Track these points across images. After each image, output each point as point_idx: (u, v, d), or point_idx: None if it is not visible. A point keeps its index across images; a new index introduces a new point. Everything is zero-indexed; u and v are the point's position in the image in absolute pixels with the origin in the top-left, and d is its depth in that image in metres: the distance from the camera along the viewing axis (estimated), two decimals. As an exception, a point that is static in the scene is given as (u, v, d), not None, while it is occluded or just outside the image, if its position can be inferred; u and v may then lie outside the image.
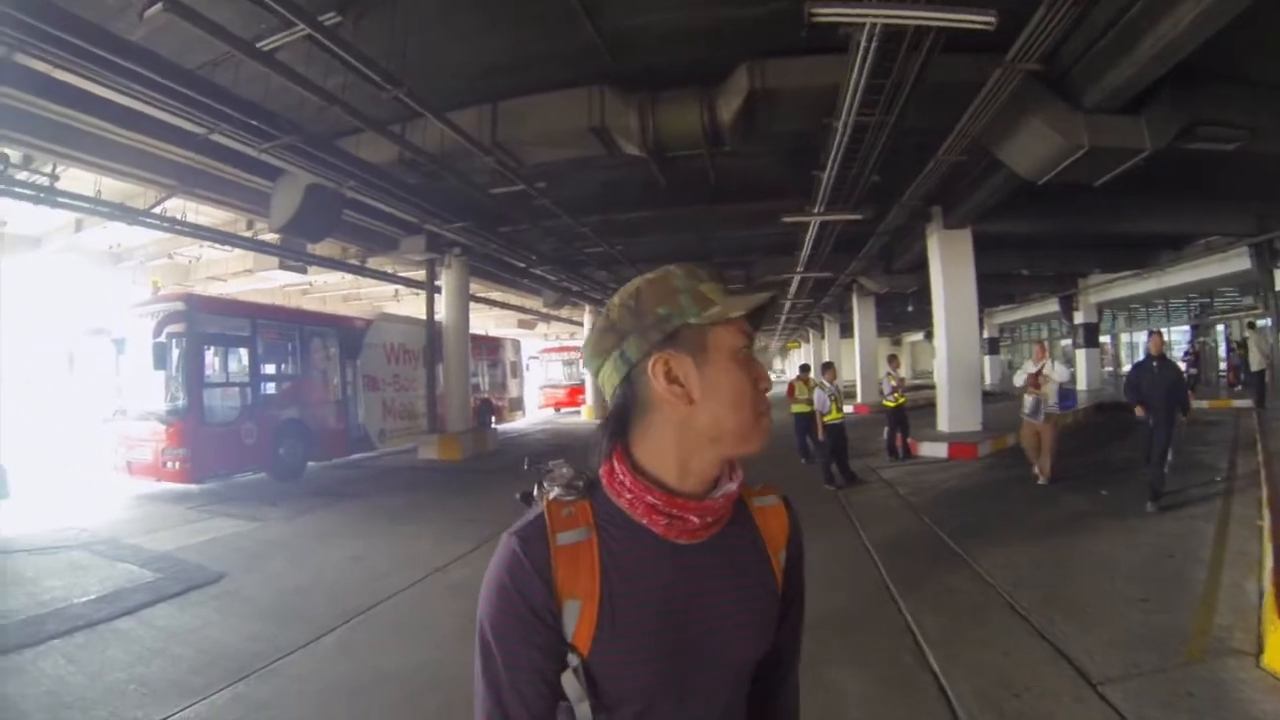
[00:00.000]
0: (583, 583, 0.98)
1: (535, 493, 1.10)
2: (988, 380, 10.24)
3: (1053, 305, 28.76)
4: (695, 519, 1.02)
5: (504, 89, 9.23)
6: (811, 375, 12.81)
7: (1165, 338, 7.75)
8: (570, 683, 0.98)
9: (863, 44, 6.16)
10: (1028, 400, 9.75)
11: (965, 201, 12.53)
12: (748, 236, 16.94)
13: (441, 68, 8.58)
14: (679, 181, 11.98)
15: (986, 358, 35.23)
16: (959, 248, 14.19)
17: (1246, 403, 16.98)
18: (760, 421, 1.04)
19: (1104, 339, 27.25)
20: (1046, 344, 11.16)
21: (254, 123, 8.02)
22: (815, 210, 11.69)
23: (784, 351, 45.84)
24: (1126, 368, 25.45)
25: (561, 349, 32.86)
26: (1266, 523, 6.31)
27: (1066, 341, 30.12)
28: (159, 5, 5.66)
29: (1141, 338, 27.68)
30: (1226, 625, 4.57)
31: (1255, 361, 17.27)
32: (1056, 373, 9.70)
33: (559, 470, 1.08)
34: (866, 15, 5.50)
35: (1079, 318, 27.16)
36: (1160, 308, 27.38)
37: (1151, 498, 7.69)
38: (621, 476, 1.03)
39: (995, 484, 10.20)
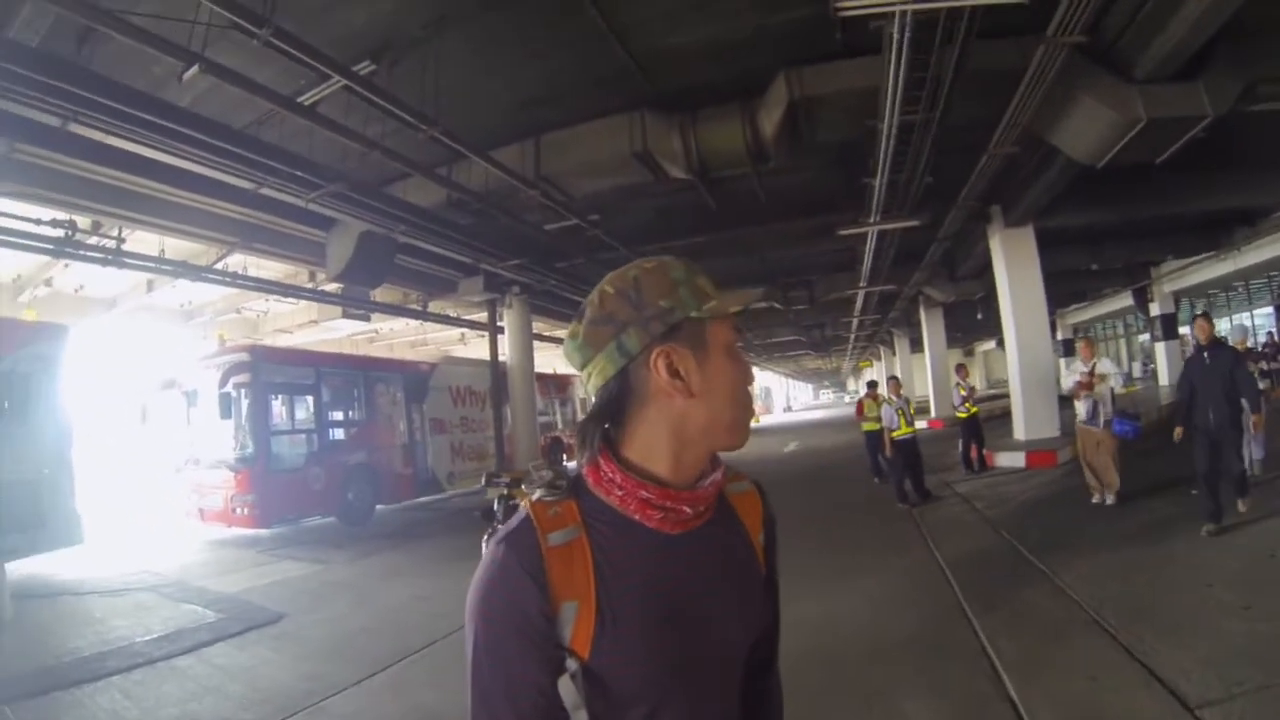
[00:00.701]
0: (577, 583, 0.96)
1: (496, 506, 1.35)
2: (1064, 384, 9.71)
3: (1126, 299, 27.23)
4: (688, 509, 1.02)
5: (544, 122, 9.27)
6: (880, 392, 12.38)
7: (1214, 322, 6.98)
8: (568, 689, 0.98)
9: (895, 37, 5.93)
10: (1081, 406, 8.48)
11: (1024, 197, 11.99)
12: (805, 255, 16.71)
13: (478, 105, 8.67)
14: (729, 203, 11.89)
15: (1061, 360, 34.20)
16: (1022, 247, 13.61)
17: None
18: (749, 416, 1.05)
19: (1183, 330, 25.59)
20: (1094, 340, 9.62)
21: (299, 173, 8.20)
22: (871, 220, 11.41)
23: (856, 371, 45.08)
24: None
25: None
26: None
27: (1144, 336, 28.69)
28: (196, 68, 5.82)
29: (1225, 325, 26.08)
30: None
31: None
32: (1109, 368, 8.48)
33: (537, 472, 1.06)
34: (894, 3, 5.25)
35: (1155, 309, 25.60)
36: (1240, 291, 25.56)
37: (1208, 517, 6.32)
38: (611, 474, 1.01)
39: (1076, 491, 9.27)
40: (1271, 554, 5.62)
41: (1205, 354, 6.54)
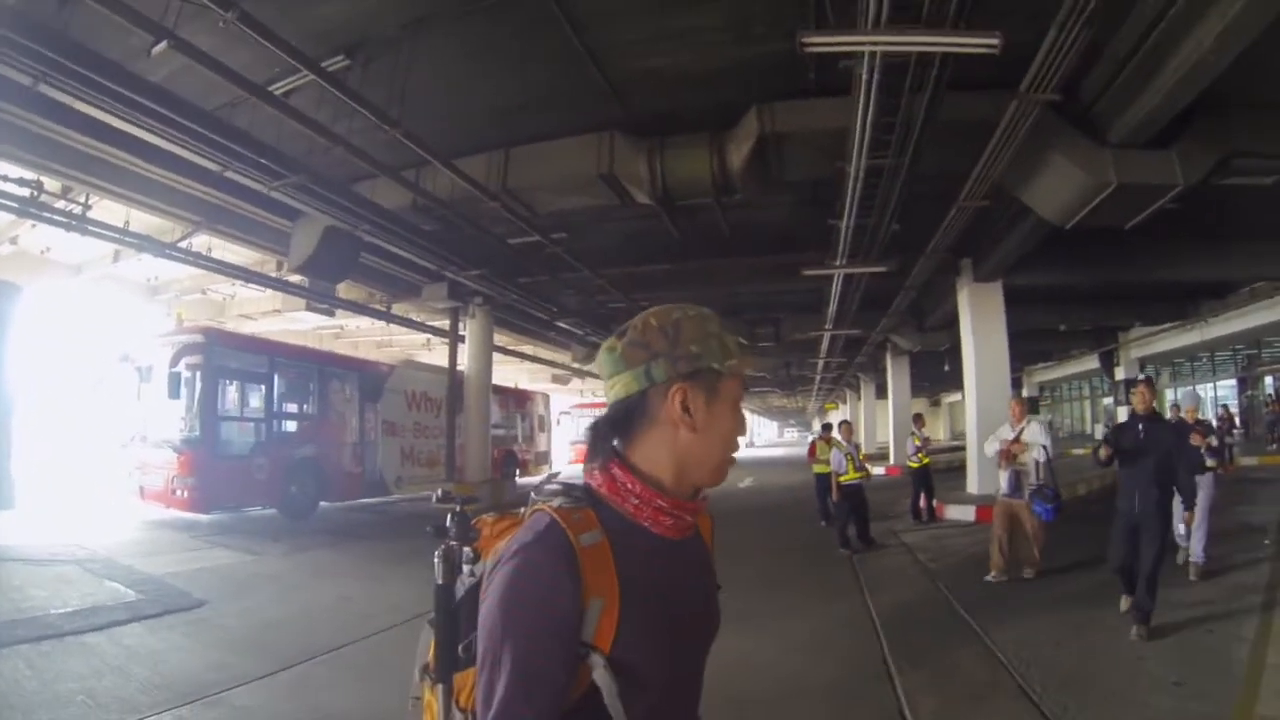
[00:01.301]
0: (605, 582, 1.01)
1: (448, 523, 1.21)
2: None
3: (1093, 362, 27.66)
4: (690, 517, 1.15)
5: (515, 135, 9.32)
6: (834, 435, 12.33)
7: (1155, 389, 6.07)
8: (603, 679, 0.99)
9: (864, 78, 5.98)
10: (1003, 476, 7.76)
11: (994, 252, 12.14)
12: (774, 292, 16.75)
13: (450, 111, 8.73)
14: (694, 234, 11.94)
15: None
16: (990, 302, 13.71)
17: None
18: (730, 461, 1.18)
19: (1191, 388, 25.94)
20: (1024, 400, 8.93)
21: (263, 161, 8.19)
22: (837, 263, 11.45)
23: (823, 411, 45.29)
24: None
25: (595, 405, 32.66)
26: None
27: (1109, 399, 28.90)
28: (164, 44, 5.83)
29: (1174, 394, 26.51)
30: (1273, 715, 4.00)
31: None
32: (1036, 436, 7.55)
33: (550, 484, 1.15)
34: (862, 44, 5.31)
35: (1120, 374, 25.72)
36: (1205, 361, 26.23)
37: (1138, 618, 5.40)
38: (628, 484, 1.11)
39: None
40: (1209, 629, 5.53)
41: (1140, 426, 5.60)
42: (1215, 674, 4.63)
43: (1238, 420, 22.75)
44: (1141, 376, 6.18)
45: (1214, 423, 13.66)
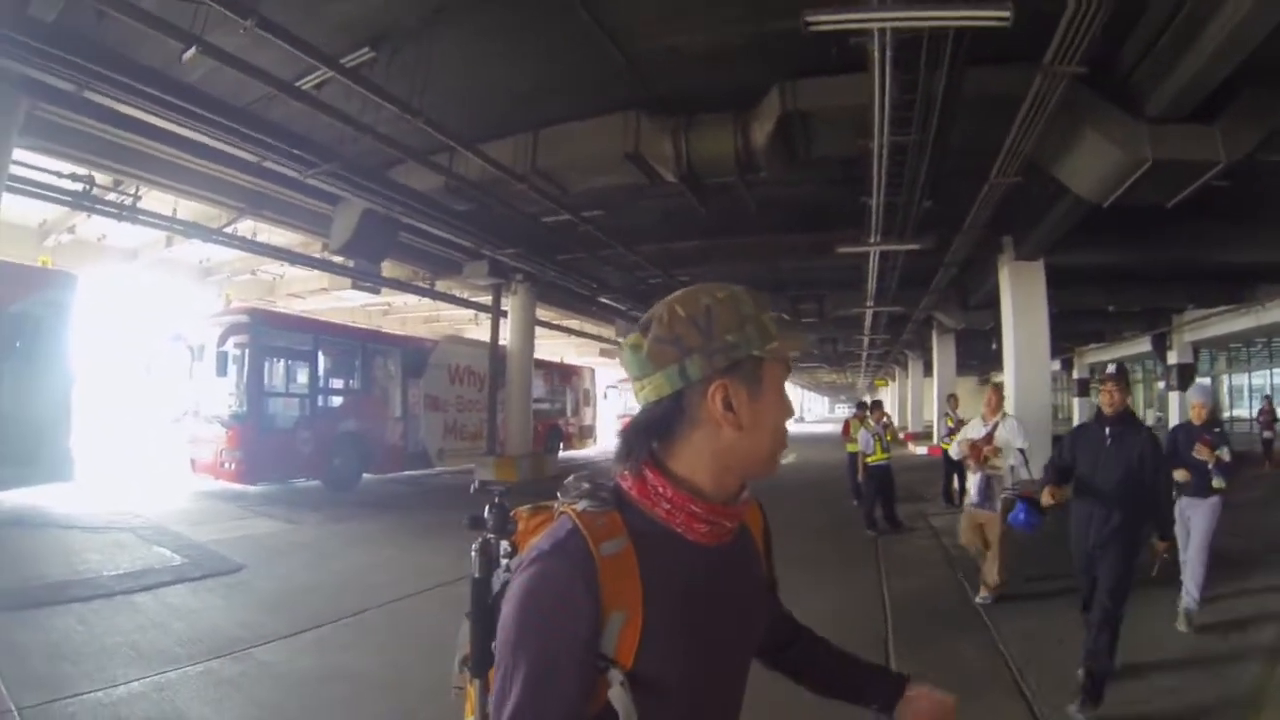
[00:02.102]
0: (627, 594, 0.96)
1: (486, 514, 1.14)
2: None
3: (1145, 344, 26.55)
4: (729, 523, 1.07)
5: (542, 117, 9.47)
6: (866, 413, 12.19)
7: (1129, 379, 5.29)
8: (619, 697, 0.95)
9: (876, 54, 5.90)
10: (973, 481, 6.75)
11: (1035, 230, 11.82)
12: (815, 269, 16.66)
13: (475, 98, 8.97)
14: (721, 210, 11.89)
15: (1075, 400, 33.96)
16: (1031, 281, 13.34)
17: None
18: (782, 449, 1.10)
19: (1204, 380, 24.81)
20: (1000, 389, 7.38)
21: (296, 151, 8.64)
22: (871, 240, 11.35)
23: (873, 388, 44.71)
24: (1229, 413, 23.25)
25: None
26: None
27: (1162, 384, 27.76)
28: (194, 50, 6.23)
29: (1245, 380, 25.39)
30: None
31: None
32: (1011, 436, 6.45)
33: (578, 484, 1.07)
34: (868, 20, 5.25)
35: (1173, 358, 24.80)
36: (1262, 347, 24.69)
37: (1086, 695, 4.07)
38: (660, 488, 1.03)
39: (1054, 538, 8.93)
40: (1225, 637, 5.24)
41: (1108, 430, 4.46)
42: (1211, 683, 4.43)
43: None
44: (1111, 369, 4.53)
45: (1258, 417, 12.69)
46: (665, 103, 8.86)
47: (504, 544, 1.13)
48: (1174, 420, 20.81)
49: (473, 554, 1.16)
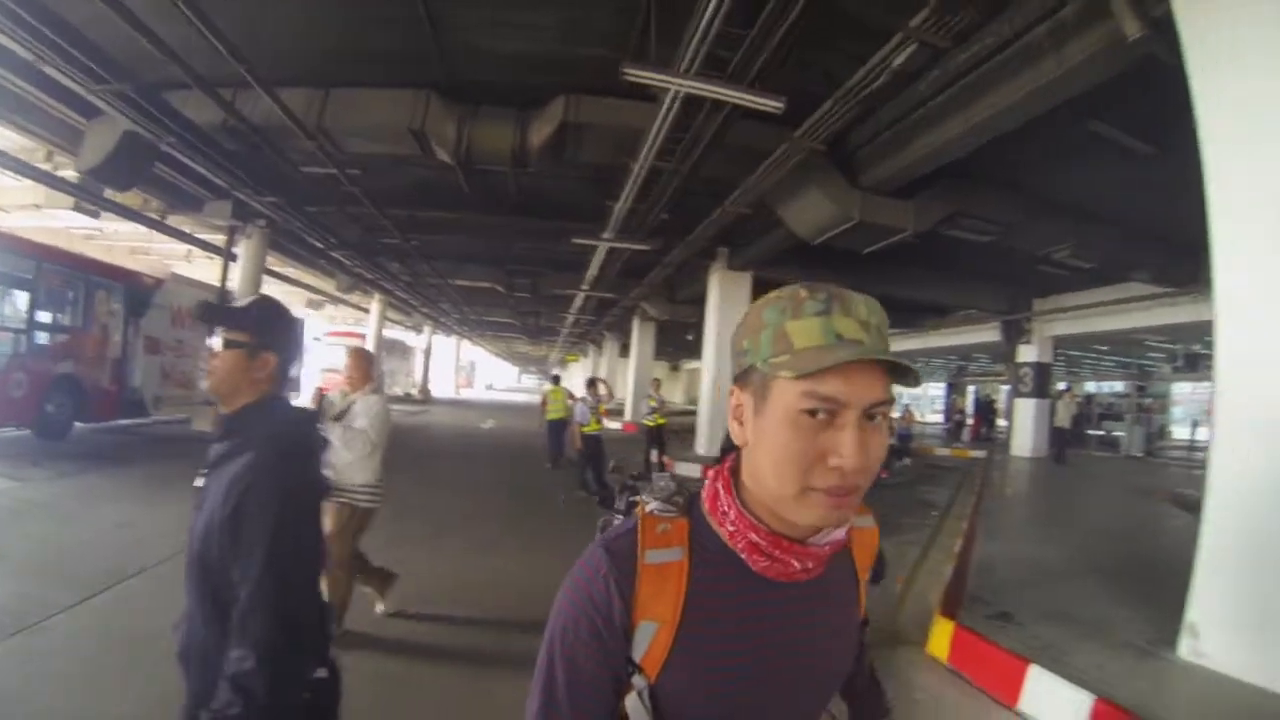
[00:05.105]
0: (664, 605, 0.95)
1: (619, 503, 1.17)
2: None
3: None
4: (796, 564, 0.97)
5: (339, 77, 9.28)
6: (563, 386, 14.28)
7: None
8: (635, 707, 0.96)
9: (667, 103, 6.85)
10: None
11: (749, 248, 14.02)
12: (542, 250, 17.51)
13: (282, 44, 8.54)
14: (484, 190, 12.34)
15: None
16: (738, 289, 15.77)
17: (981, 453, 19.83)
18: (809, 499, 0.89)
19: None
20: (366, 356, 5.19)
21: (77, 54, 7.67)
22: (606, 236, 12.56)
23: (563, 363, 47.28)
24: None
25: (346, 334, 31.74)
26: (957, 548, 7.24)
27: None
28: None
29: (909, 390, 32.40)
30: (907, 623, 5.43)
31: (1061, 420, 19.86)
32: (365, 414, 4.80)
33: (660, 483, 1.07)
34: (672, 83, 6.18)
35: None
36: (923, 364, 31.63)
37: None
38: (726, 506, 0.99)
39: None
40: None
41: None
42: (876, 601, 6.30)
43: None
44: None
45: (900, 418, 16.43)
46: (459, 90, 9.16)
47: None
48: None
49: (598, 530, 1.26)
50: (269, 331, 1.86)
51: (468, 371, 59.56)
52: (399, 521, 7.58)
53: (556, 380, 15.41)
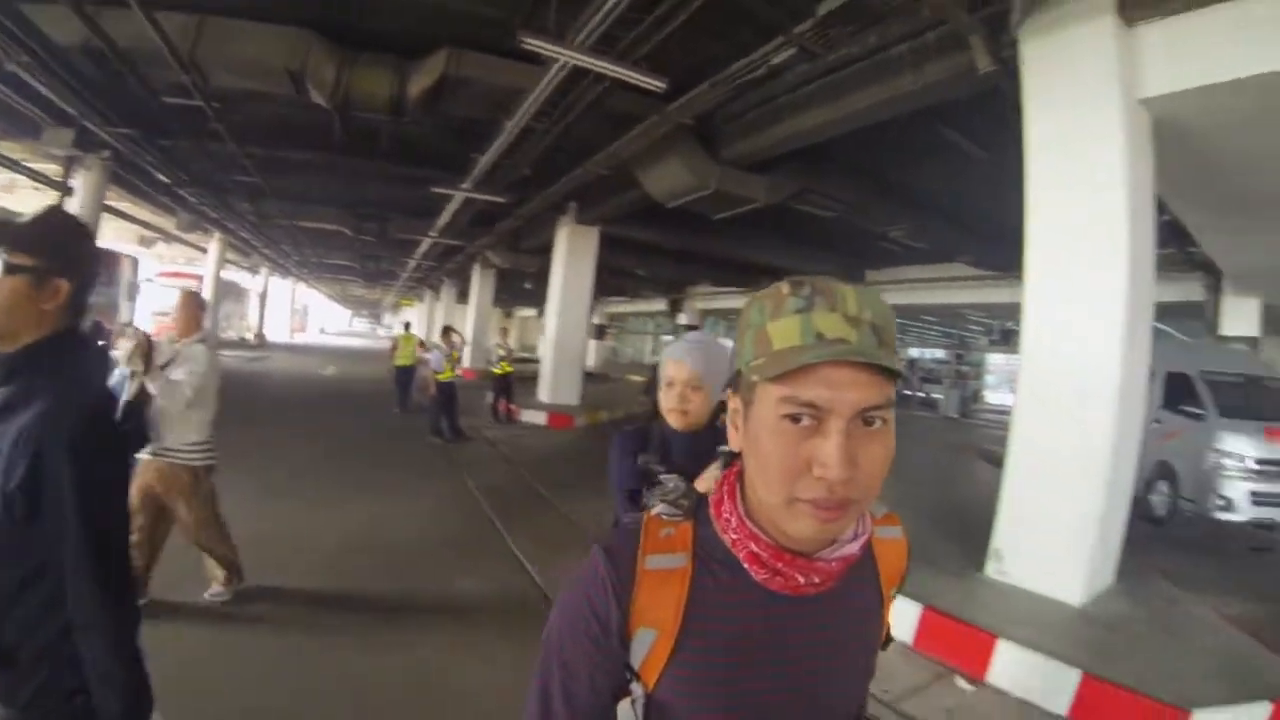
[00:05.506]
0: (663, 612, 0.93)
1: (645, 498, 1.09)
2: (590, 362, 13.25)
3: (661, 305, 33.59)
4: (801, 578, 0.93)
5: (216, 3, 8.80)
6: (413, 333, 15.18)
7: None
8: (626, 713, 0.96)
9: (554, 71, 7.46)
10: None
11: (601, 205, 14.66)
12: (396, 195, 17.38)
13: None
14: (354, 135, 12.22)
15: (592, 342, 39.97)
16: (586, 242, 16.51)
17: None
18: (796, 510, 0.87)
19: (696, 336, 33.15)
20: (197, 300, 4.75)
21: None
22: (464, 187, 12.89)
23: (396, 307, 46.52)
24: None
25: (182, 274, 29.18)
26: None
27: (669, 337, 35.11)
28: None
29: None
30: None
31: None
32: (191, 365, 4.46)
33: (669, 484, 1.06)
34: (565, 55, 6.81)
35: (683, 319, 31.95)
36: None
37: None
38: (729, 513, 0.97)
39: (587, 450, 12.33)
40: None
41: None
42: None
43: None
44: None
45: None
46: (342, 33, 9.01)
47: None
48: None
49: (611, 524, 1.26)
50: (61, 253, 1.60)
51: (301, 315, 56.93)
52: (239, 480, 7.48)
53: (408, 327, 15.91)
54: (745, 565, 0.94)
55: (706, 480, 1.79)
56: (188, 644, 4.13)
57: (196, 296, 4.77)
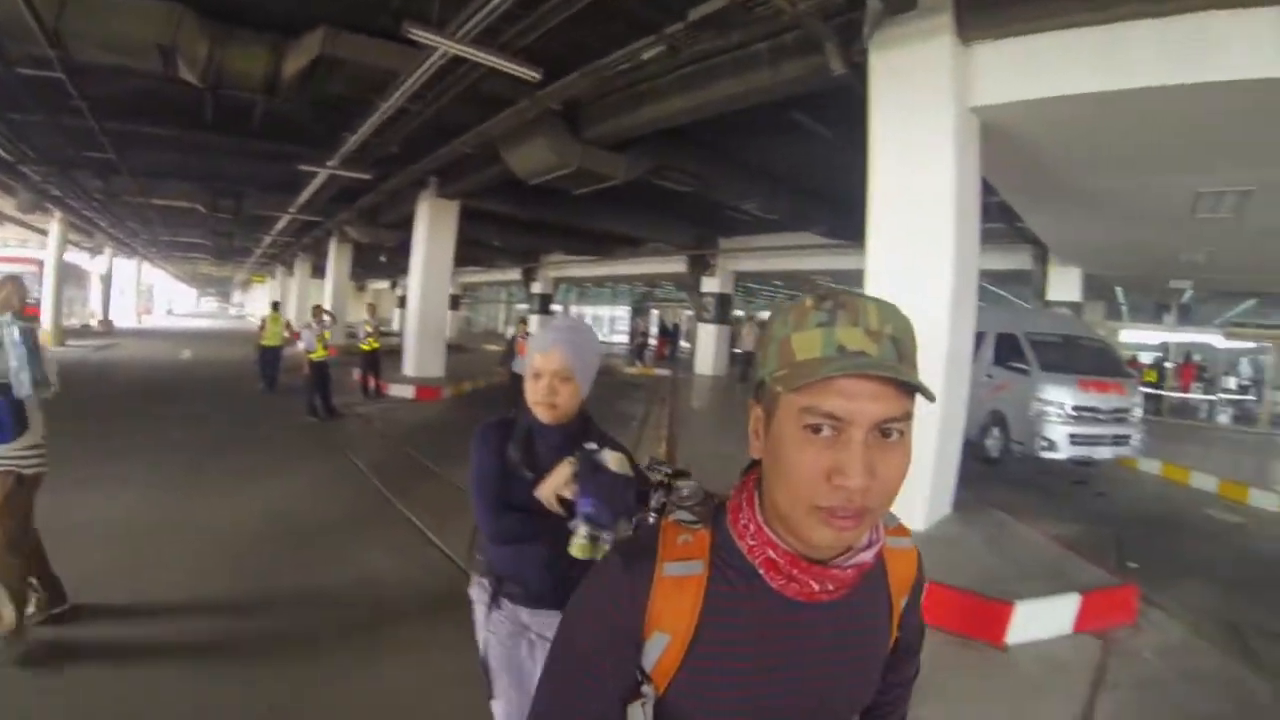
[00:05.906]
0: (678, 618, 0.95)
1: (653, 500, 1.18)
2: (447, 334, 14.06)
3: (515, 274, 34.06)
4: (815, 585, 0.96)
5: None
6: (279, 313, 15.27)
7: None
8: (636, 715, 0.97)
9: (434, 59, 7.87)
10: None
11: (462, 179, 15.02)
12: (253, 170, 16.84)
13: None
14: (223, 111, 11.96)
15: (449, 313, 40.11)
16: (446, 216, 16.99)
17: (666, 371, 22.69)
18: (815, 518, 0.89)
19: (556, 307, 33.73)
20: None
21: None
22: (330, 164, 13.01)
23: (246, 285, 44.20)
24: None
25: (14, 259, 26.44)
26: (662, 449, 8.90)
27: (524, 306, 35.41)
28: None
29: (598, 311, 37.07)
30: None
31: (745, 344, 23.71)
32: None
33: (686, 488, 1.08)
34: (447, 45, 7.18)
35: (537, 287, 32.50)
36: (610, 289, 36.33)
37: None
38: (747, 520, 0.99)
39: (458, 420, 12.74)
40: None
41: None
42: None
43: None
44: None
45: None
46: (216, 8, 8.78)
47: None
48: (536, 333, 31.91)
49: (631, 526, 1.36)
50: None
51: (147, 297, 52.86)
52: (112, 478, 7.57)
53: (276, 307, 15.89)
54: (761, 571, 0.97)
55: (554, 480, 2.04)
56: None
57: (16, 280, 4.21)
